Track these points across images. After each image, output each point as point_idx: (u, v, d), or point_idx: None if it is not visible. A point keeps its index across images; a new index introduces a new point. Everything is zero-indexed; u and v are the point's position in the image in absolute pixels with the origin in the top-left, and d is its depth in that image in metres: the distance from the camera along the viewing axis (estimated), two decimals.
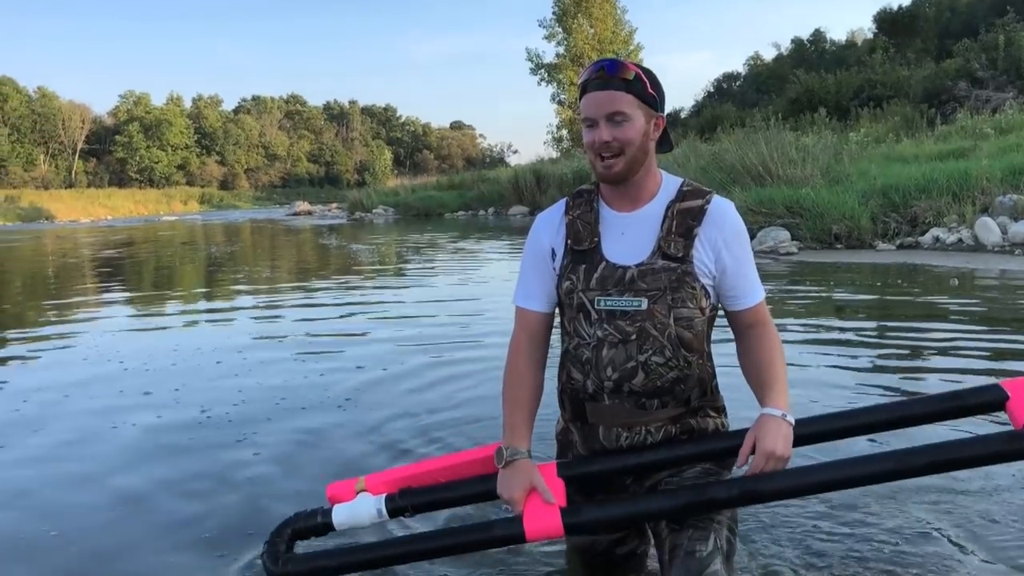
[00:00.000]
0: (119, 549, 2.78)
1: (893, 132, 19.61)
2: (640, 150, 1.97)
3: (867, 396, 4.12)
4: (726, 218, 2.00)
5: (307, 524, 2.18)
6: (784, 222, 12.09)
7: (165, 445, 3.89)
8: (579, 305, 2.01)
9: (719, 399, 2.13)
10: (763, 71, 47.50)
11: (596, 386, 2.01)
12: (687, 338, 1.96)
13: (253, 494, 3.24)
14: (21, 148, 78.70)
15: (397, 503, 2.11)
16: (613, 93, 1.93)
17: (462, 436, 3.79)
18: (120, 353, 6.22)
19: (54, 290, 11.89)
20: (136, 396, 4.82)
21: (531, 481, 1.94)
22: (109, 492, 3.31)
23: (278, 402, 4.60)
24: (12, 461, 3.74)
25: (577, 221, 2.07)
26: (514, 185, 30.44)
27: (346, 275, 12.01)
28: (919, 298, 7.23)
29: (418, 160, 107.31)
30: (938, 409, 2.04)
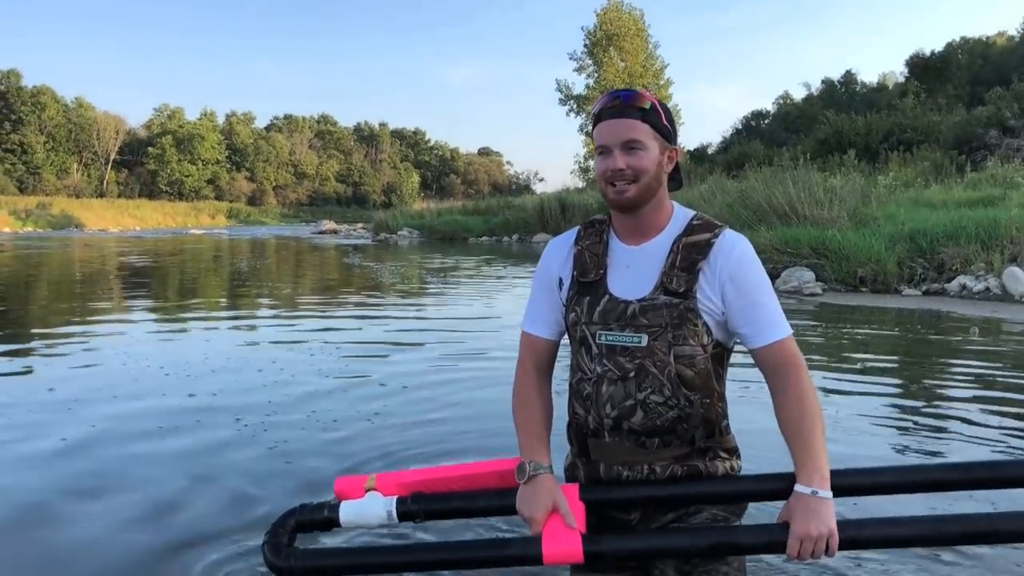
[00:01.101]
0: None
1: (922, 177, 19.51)
2: (654, 179, 1.93)
3: (881, 450, 4.07)
4: (733, 250, 1.91)
5: (312, 517, 2.08)
6: (809, 263, 12.02)
7: (200, 446, 3.97)
8: (582, 338, 1.98)
9: (730, 440, 2.03)
10: (792, 110, 47.55)
11: (597, 422, 1.96)
12: (688, 376, 1.89)
13: (270, 491, 3.35)
14: (56, 156, 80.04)
15: (408, 507, 2.02)
16: (628, 121, 1.90)
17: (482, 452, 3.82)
18: (159, 362, 6.36)
19: (82, 298, 12.04)
20: (178, 400, 4.89)
21: (553, 501, 1.87)
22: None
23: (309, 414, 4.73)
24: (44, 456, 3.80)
25: (585, 252, 2.04)
26: (539, 213, 30.52)
27: (369, 294, 12.09)
28: (943, 346, 7.16)
29: (445, 184, 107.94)
30: (978, 477, 1.95)
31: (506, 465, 2.00)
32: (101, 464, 3.86)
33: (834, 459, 1.86)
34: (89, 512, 3.24)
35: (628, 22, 50.64)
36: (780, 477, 1.89)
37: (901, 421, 4.74)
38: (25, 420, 4.62)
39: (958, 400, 5.15)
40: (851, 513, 2.62)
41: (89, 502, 3.34)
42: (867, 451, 3.98)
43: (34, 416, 4.71)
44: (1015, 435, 4.30)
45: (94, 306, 10.74)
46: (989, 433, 4.38)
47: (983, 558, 2.44)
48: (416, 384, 5.63)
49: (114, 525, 3.11)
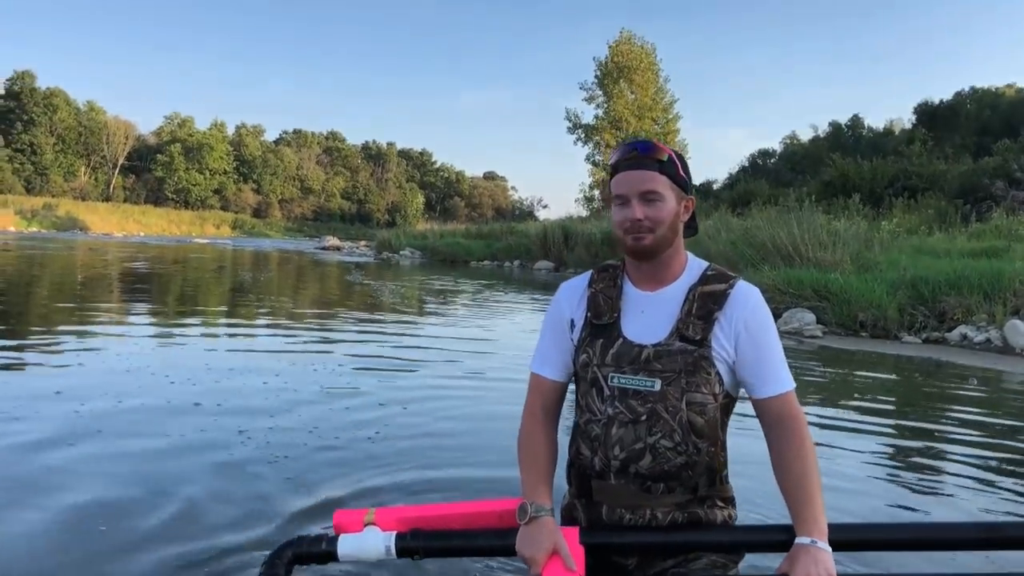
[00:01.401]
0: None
1: (926, 224, 19.58)
2: (670, 229, 1.97)
3: (873, 500, 4.03)
4: (748, 302, 1.96)
5: (310, 549, 2.07)
6: (811, 305, 12.03)
7: (198, 463, 3.95)
8: (593, 380, 1.99)
9: (728, 489, 2.06)
10: (799, 151, 47.81)
11: (603, 464, 1.97)
12: (698, 424, 1.91)
13: (268, 514, 3.32)
14: (64, 158, 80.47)
15: (408, 543, 2.01)
16: (647, 172, 1.95)
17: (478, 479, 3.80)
18: (163, 369, 6.36)
19: (88, 302, 12.05)
20: (168, 412, 4.87)
21: (554, 543, 1.86)
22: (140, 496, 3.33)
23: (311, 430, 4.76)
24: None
25: (600, 295, 2.06)
26: (542, 240, 30.58)
27: (371, 312, 12.11)
28: (942, 394, 7.15)
29: (449, 206, 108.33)
30: (974, 537, 1.95)
31: (507, 505, 1.99)
32: (98, 470, 3.85)
33: (829, 505, 1.86)
34: (77, 522, 3.21)
35: (640, 55, 51.07)
36: (779, 529, 1.91)
37: (896, 468, 4.71)
38: (29, 422, 4.60)
39: (954, 450, 5.12)
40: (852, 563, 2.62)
41: (79, 510, 3.32)
42: (861, 499, 3.95)
43: (39, 418, 4.70)
44: (1010, 490, 4.29)
45: (100, 311, 10.74)
46: (983, 485, 4.36)
47: None
48: (417, 403, 5.67)
49: (106, 537, 3.08)
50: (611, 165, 2.03)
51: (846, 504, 3.77)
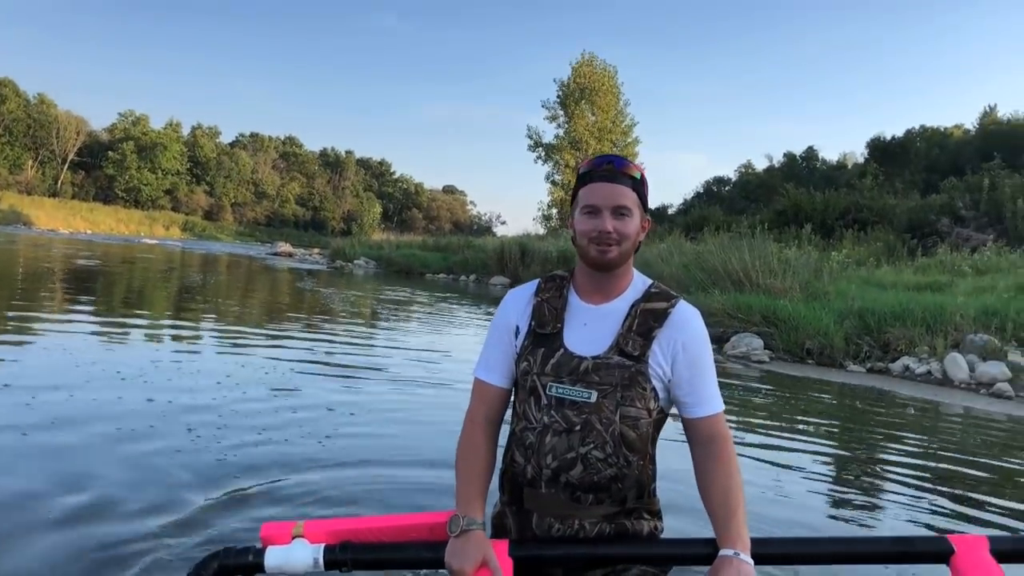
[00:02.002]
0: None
1: (874, 257, 20.00)
2: (632, 245, 2.03)
3: (812, 514, 4.09)
4: (688, 324, 2.02)
5: (236, 561, 2.04)
6: (759, 330, 12.16)
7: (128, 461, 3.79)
8: (532, 388, 2.02)
9: (656, 503, 2.11)
10: (753, 179, 48.60)
11: (535, 472, 2.00)
12: (630, 437, 1.95)
13: (203, 521, 3.23)
14: (11, 151, 78.51)
15: (336, 555, 1.99)
16: (620, 188, 2.00)
17: (417, 493, 3.73)
18: (114, 366, 6.21)
19: (29, 297, 11.70)
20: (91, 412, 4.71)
21: (483, 555, 1.87)
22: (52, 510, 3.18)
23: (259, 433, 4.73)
24: None
25: (545, 304, 2.09)
26: (499, 255, 30.58)
27: (319, 319, 11.93)
28: (881, 422, 7.24)
29: (406, 218, 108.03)
30: (887, 551, 2.04)
31: (438, 518, 1.99)
32: (45, 462, 3.81)
33: (769, 518, 1.87)
34: (24, 511, 3.19)
35: (602, 78, 51.58)
36: (703, 542, 1.95)
37: (834, 485, 4.80)
38: None
39: (889, 471, 5.23)
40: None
41: (27, 499, 3.30)
42: (800, 515, 3.98)
43: None
44: (936, 506, 4.39)
45: (46, 308, 10.45)
46: (913, 501, 4.49)
47: None
48: (366, 410, 5.68)
49: (43, 526, 3.04)
50: (581, 174, 2.07)
51: (784, 517, 3.83)
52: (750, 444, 5.78)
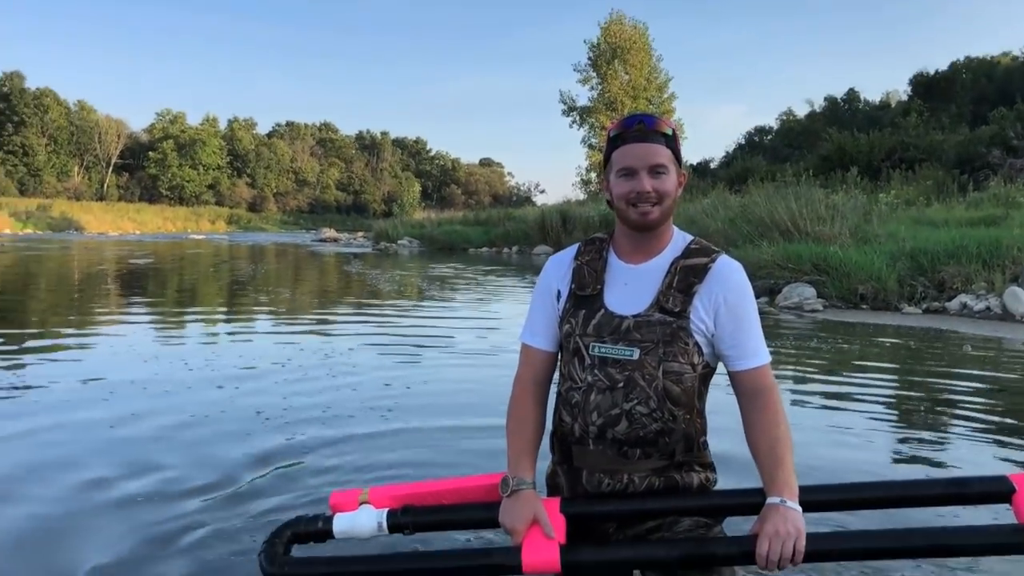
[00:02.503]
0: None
1: (924, 195, 19.56)
2: (672, 203, 2.02)
3: (874, 459, 4.05)
4: (730, 277, 2.01)
5: (307, 528, 2.17)
6: (810, 279, 12.02)
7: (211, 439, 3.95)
8: (575, 349, 2.05)
9: (707, 455, 2.11)
10: (795, 127, 47.73)
11: (582, 430, 2.02)
12: (674, 392, 1.97)
13: (273, 491, 3.37)
14: (57, 159, 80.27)
15: (399, 519, 2.09)
16: (654, 146, 1.99)
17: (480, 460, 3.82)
18: (182, 358, 6.46)
19: (82, 301, 12.04)
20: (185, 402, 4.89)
21: (534, 513, 1.93)
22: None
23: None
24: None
25: (585, 267, 2.11)
26: (540, 225, 30.52)
27: (370, 299, 12.10)
28: (941, 363, 7.14)
29: (445, 194, 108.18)
30: (943, 493, 2.01)
31: (493, 480, 2.07)
32: (130, 448, 4.03)
33: (830, 470, 1.88)
34: (103, 498, 3.34)
35: (632, 35, 50.84)
36: (752, 492, 1.96)
37: (896, 430, 4.74)
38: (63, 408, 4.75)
39: (952, 413, 5.16)
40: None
41: (118, 480, 3.50)
42: (861, 461, 3.96)
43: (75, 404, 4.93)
44: (1003, 445, 4.33)
45: (110, 307, 10.78)
46: (979, 441, 4.42)
47: None
48: (421, 384, 5.81)
49: (131, 503, 3.25)
50: (611, 137, 2.06)
51: (845, 464, 3.81)
52: (808, 392, 5.75)
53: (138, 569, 2.70)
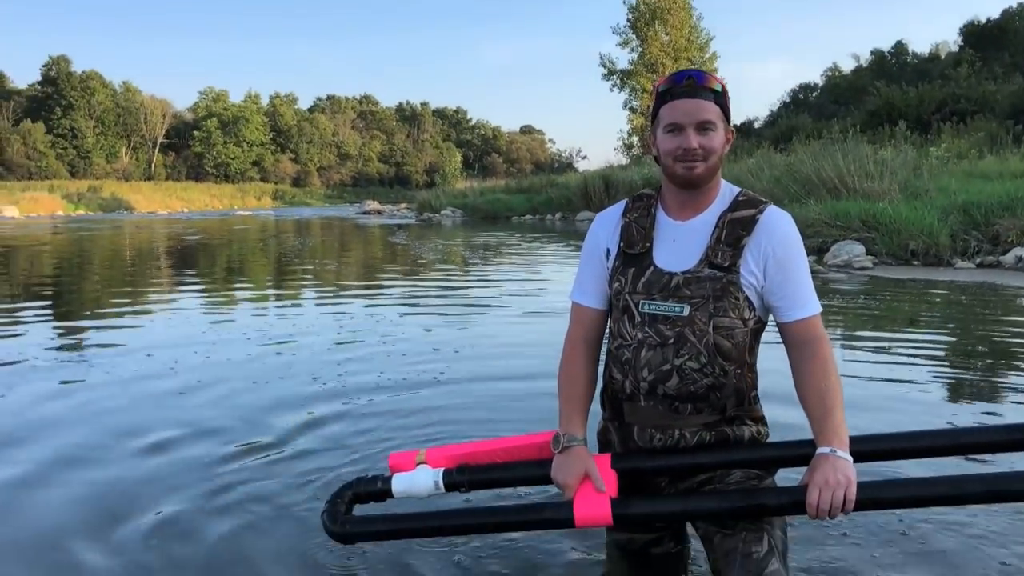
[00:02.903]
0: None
1: (976, 148, 19.04)
2: (719, 159, 2.01)
3: (931, 417, 4.01)
4: (777, 227, 2.00)
5: (368, 489, 2.27)
6: (859, 236, 11.84)
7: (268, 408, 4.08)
8: (624, 307, 2.06)
9: (758, 409, 2.12)
10: (841, 82, 46.60)
11: (633, 387, 2.04)
12: (725, 347, 1.97)
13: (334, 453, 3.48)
14: (105, 140, 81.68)
15: (454, 478, 2.16)
16: (703, 102, 1.97)
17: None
18: (241, 329, 6.64)
19: (141, 277, 12.35)
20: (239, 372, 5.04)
21: (585, 468, 1.98)
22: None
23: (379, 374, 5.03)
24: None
25: (633, 225, 2.11)
26: (583, 190, 30.31)
27: (416, 268, 12.24)
28: (997, 317, 7.03)
29: (487, 163, 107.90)
30: (997, 440, 1.98)
31: (544, 438, 2.12)
32: (200, 413, 4.19)
33: (884, 423, 1.89)
34: (172, 458, 3.48)
35: None
36: (802, 444, 1.98)
37: (951, 385, 4.68)
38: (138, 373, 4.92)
39: (1008, 366, 5.08)
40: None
41: (193, 443, 3.64)
42: (918, 415, 3.91)
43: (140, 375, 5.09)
44: None
45: (165, 282, 11.05)
46: None
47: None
48: (470, 347, 5.89)
49: (200, 466, 3.38)
50: (659, 93, 2.04)
51: (904, 417, 3.78)
52: (859, 348, 5.71)
53: (200, 523, 2.82)
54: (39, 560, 2.56)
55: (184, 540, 2.68)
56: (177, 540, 2.68)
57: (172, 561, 2.53)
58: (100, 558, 2.55)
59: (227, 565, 2.51)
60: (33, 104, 78.34)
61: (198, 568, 2.49)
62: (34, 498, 3.07)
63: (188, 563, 2.52)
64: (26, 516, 2.90)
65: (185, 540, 2.68)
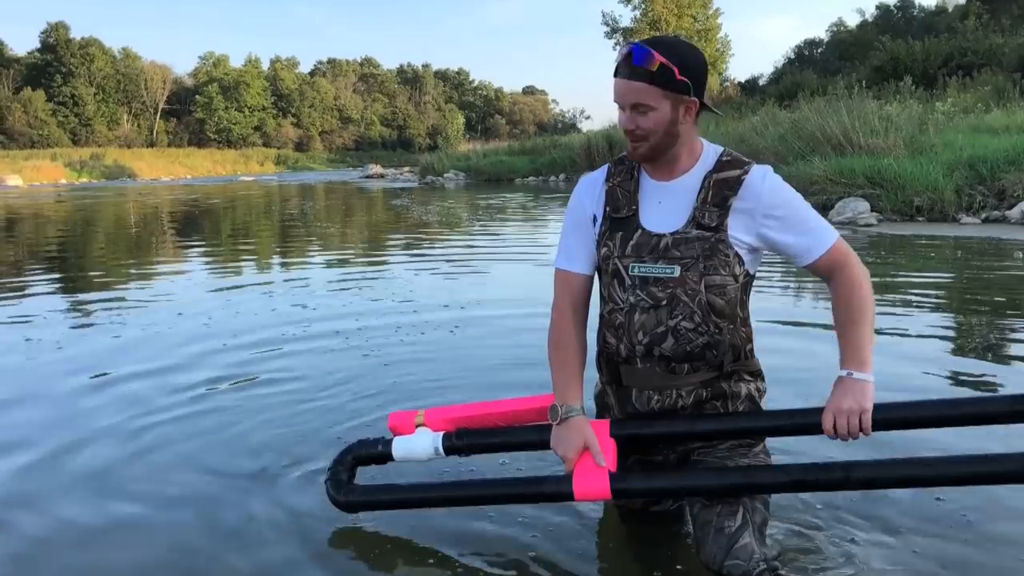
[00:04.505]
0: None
1: (983, 102, 18.82)
2: (665, 136, 1.98)
3: (936, 377, 3.99)
4: (763, 187, 1.97)
5: (368, 452, 2.32)
6: (864, 193, 11.80)
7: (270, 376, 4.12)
8: (614, 271, 2.06)
9: (754, 363, 2.12)
10: (846, 38, 46.03)
11: (628, 350, 2.05)
12: (718, 305, 1.97)
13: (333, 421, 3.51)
14: (106, 107, 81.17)
15: (453, 442, 2.20)
16: (634, 84, 1.94)
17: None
18: (222, 305, 6.63)
19: (155, 244, 12.39)
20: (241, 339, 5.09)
21: (584, 441, 2.00)
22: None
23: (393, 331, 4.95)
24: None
25: (617, 189, 2.10)
26: (586, 151, 30.09)
27: (422, 232, 12.27)
28: (1001, 274, 7.02)
29: (490, 125, 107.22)
30: (1002, 411, 1.91)
31: (544, 402, 2.13)
32: (213, 372, 4.27)
33: (885, 387, 1.89)
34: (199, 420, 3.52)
35: None
36: (802, 412, 1.98)
37: (957, 346, 4.66)
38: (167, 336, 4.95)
39: (1015, 324, 5.07)
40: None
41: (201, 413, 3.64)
42: (919, 379, 3.91)
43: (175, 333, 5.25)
44: None
45: (183, 247, 11.14)
46: None
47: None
48: (477, 307, 5.96)
49: (220, 427, 3.42)
50: (614, 68, 2.02)
51: (906, 382, 3.76)
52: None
53: (204, 481, 2.86)
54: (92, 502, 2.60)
55: (185, 499, 2.71)
56: (176, 497, 2.72)
57: (168, 517, 2.56)
58: (137, 508, 2.61)
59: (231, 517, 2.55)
60: (33, 72, 77.72)
61: (195, 527, 2.51)
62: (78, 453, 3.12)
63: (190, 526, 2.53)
64: (72, 469, 2.95)
65: (187, 499, 2.71)
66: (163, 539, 2.42)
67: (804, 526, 2.31)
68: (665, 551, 2.21)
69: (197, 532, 2.46)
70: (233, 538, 2.41)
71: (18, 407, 3.81)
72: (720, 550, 1.88)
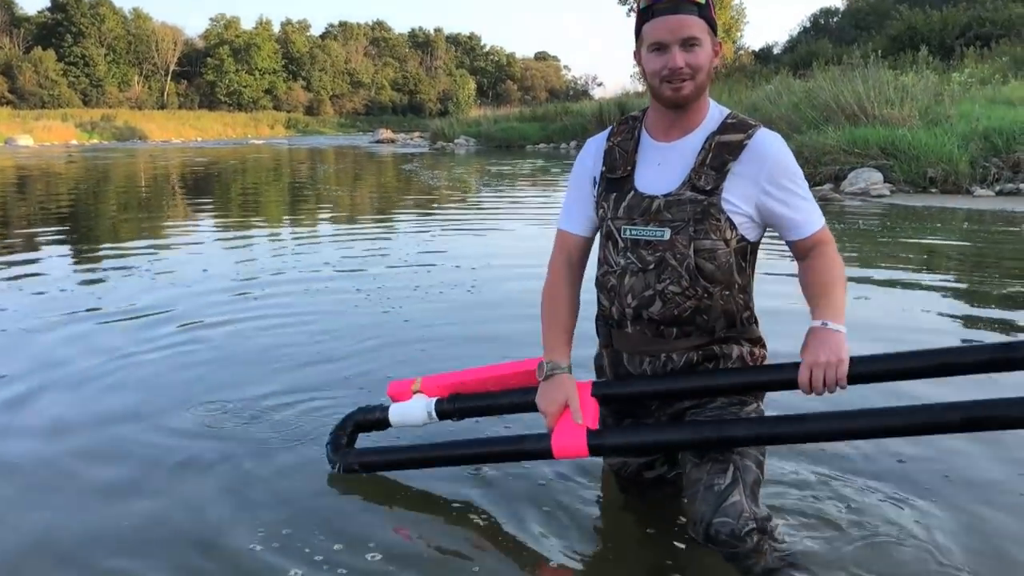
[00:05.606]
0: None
1: (1000, 73, 18.61)
2: (707, 76, 1.93)
3: (938, 341, 4.01)
4: (767, 152, 1.92)
5: (367, 418, 2.45)
6: (877, 164, 11.73)
7: (276, 350, 4.16)
8: (608, 233, 2.05)
9: (753, 331, 2.08)
10: (863, 6, 45.30)
11: (620, 313, 2.05)
12: (708, 269, 1.93)
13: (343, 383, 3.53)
14: (117, 69, 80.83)
15: (446, 407, 2.28)
16: (686, 17, 1.86)
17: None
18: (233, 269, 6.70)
19: (159, 204, 12.43)
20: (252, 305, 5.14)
21: (566, 397, 2.02)
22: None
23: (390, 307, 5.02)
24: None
25: (616, 148, 2.07)
26: (598, 118, 29.86)
27: (433, 198, 12.27)
28: (1013, 246, 7.00)
29: (501, 91, 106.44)
30: (986, 359, 1.86)
31: (533, 365, 2.16)
32: (232, 340, 4.29)
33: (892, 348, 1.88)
34: (212, 379, 3.60)
35: None
36: (784, 367, 1.94)
37: (967, 314, 4.68)
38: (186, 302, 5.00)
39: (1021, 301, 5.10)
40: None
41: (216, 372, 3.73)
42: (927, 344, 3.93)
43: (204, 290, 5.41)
44: None
45: (189, 211, 11.14)
46: None
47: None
48: (486, 269, 6.06)
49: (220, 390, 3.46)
50: (641, 10, 1.94)
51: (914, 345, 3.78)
52: (873, 282, 5.63)
53: (210, 447, 2.90)
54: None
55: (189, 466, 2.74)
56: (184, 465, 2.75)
57: (172, 488, 2.58)
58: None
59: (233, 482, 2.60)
60: (43, 31, 77.38)
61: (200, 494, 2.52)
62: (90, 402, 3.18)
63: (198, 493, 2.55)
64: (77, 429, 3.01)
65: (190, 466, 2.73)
66: (164, 500, 2.46)
67: (803, 490, 2.36)
68: (663, 519, 2.24)
69: (199, 492, 2.50)
70: (232, 496, 2.47)
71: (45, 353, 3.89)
72: (709, 508, 1.86)
